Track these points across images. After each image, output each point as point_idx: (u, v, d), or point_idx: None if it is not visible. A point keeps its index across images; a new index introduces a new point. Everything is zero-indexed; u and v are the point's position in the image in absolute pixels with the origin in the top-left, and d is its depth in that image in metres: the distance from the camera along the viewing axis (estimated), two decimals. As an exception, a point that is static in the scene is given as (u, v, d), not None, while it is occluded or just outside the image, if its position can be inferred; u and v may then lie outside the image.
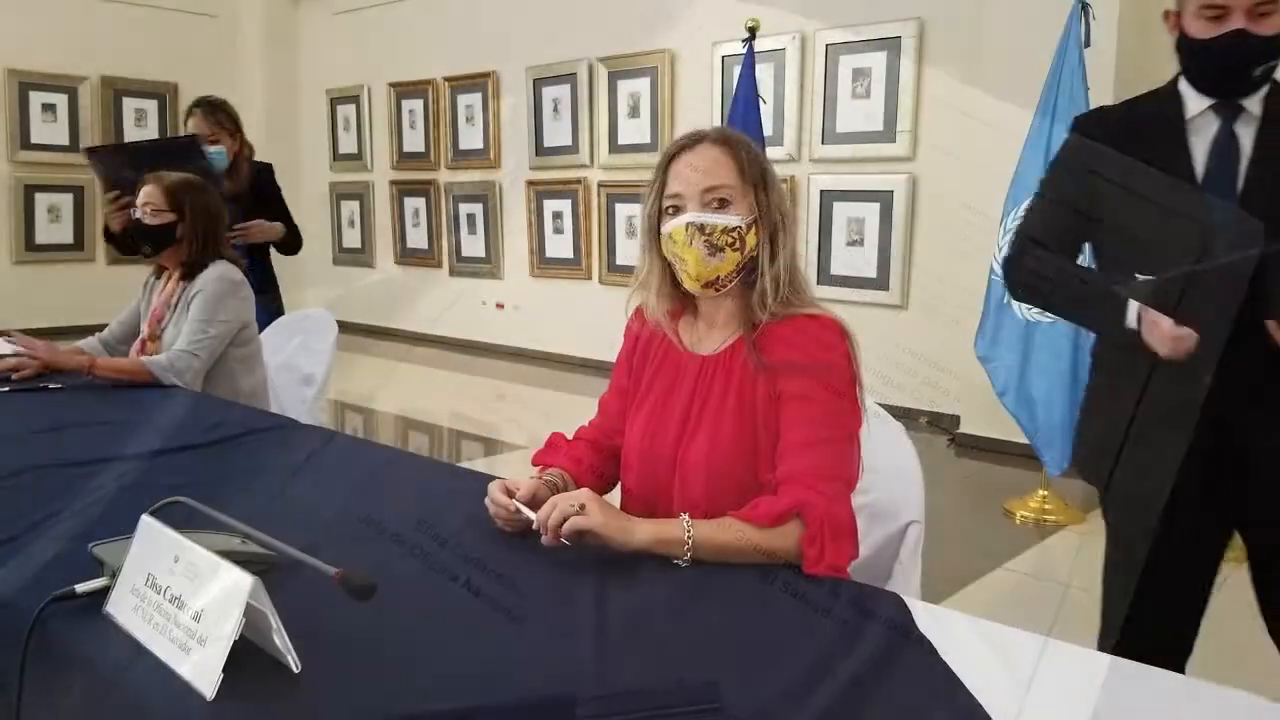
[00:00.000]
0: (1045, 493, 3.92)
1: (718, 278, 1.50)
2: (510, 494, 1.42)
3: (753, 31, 4.77)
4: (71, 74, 8.00)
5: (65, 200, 8.06)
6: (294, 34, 9.14)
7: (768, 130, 5.13)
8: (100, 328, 2.89)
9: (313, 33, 9.07)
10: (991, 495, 4.14)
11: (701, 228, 1.47)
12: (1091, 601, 3.18)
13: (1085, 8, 3.72)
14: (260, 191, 3.57)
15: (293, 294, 3.82)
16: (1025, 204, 3.81)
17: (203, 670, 0.94)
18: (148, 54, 8.36)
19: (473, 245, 7.97)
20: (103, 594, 1.11)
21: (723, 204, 1.47)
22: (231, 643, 0.93)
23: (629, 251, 6.91)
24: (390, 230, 8.58)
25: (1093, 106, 3.71)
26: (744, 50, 4.60)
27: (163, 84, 8.52)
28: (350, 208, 8.91)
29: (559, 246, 7.35)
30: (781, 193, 1.54)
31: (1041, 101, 3.82)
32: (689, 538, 1.31)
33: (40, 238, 7.97)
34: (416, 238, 8.39)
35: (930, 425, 5.12)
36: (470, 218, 7.93)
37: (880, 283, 5.52)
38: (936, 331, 5.11)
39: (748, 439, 1.48)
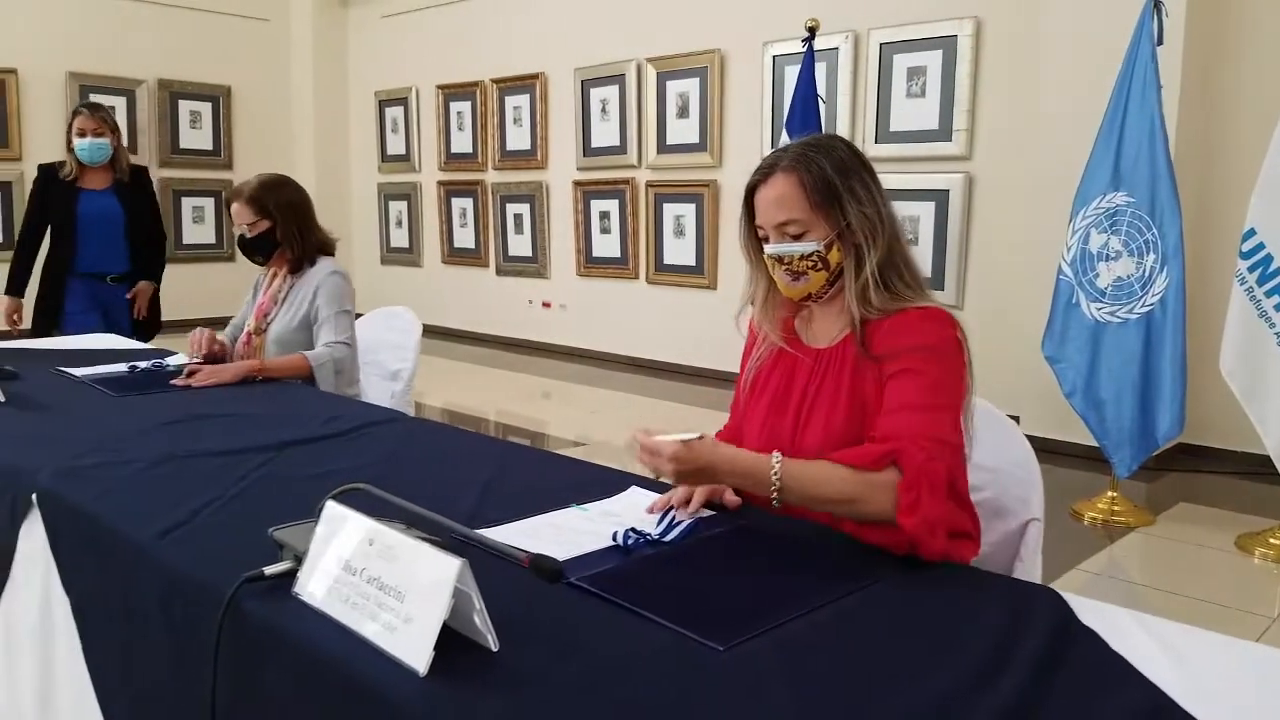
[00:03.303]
0: (1114, 494, 3.90)
1: (809, 294, 1.57)
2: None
3: (812, 31, 4.79)
4: (129, 77, 8.16)
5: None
6: (343, 37, 9.26)
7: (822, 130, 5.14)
8: (161, 325, 3.00)
9: (361, 36, 9.18)
10: (1057, 497, 4.12)
11: (780, 259, 1.55)
12: (1166, 601, 3.19)
13: (1158, 5, 3.70)
14: (140, 191, 4.23)
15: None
16: (1093, 203, 3.83)
17: (413, 648, 0.97)
18: (202, 57, 8.52)
19: (519, 245, 8.03)
20: (289, 576, 1.15)
21: (797, 236, 1.53)
22: (442, 621, 0.96)
23: (677, 251, 6.94)
24: (437, 230, 8.67)
25: (1164, 105, 3.71)
26: (796, 50, 4.63)
27: (217, 86, 8.67)
28: (398, 208, 9.01)
29: (606, 246, 7.40)
30: (868, 198, 1.53)
31: (1112, 100, 3.80)
32: (776, 476, 1.36)
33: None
34: (463, 237, 8.47)
35: (988, 425, 5.10)
36: (517, 218, 8.00)
37: (935, 282, 5.50)
38: (994, 331, 5.08)
39: (858, 428, 1.51)
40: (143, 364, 2.67)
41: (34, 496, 1.62)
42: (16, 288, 4.15)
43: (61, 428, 2.00)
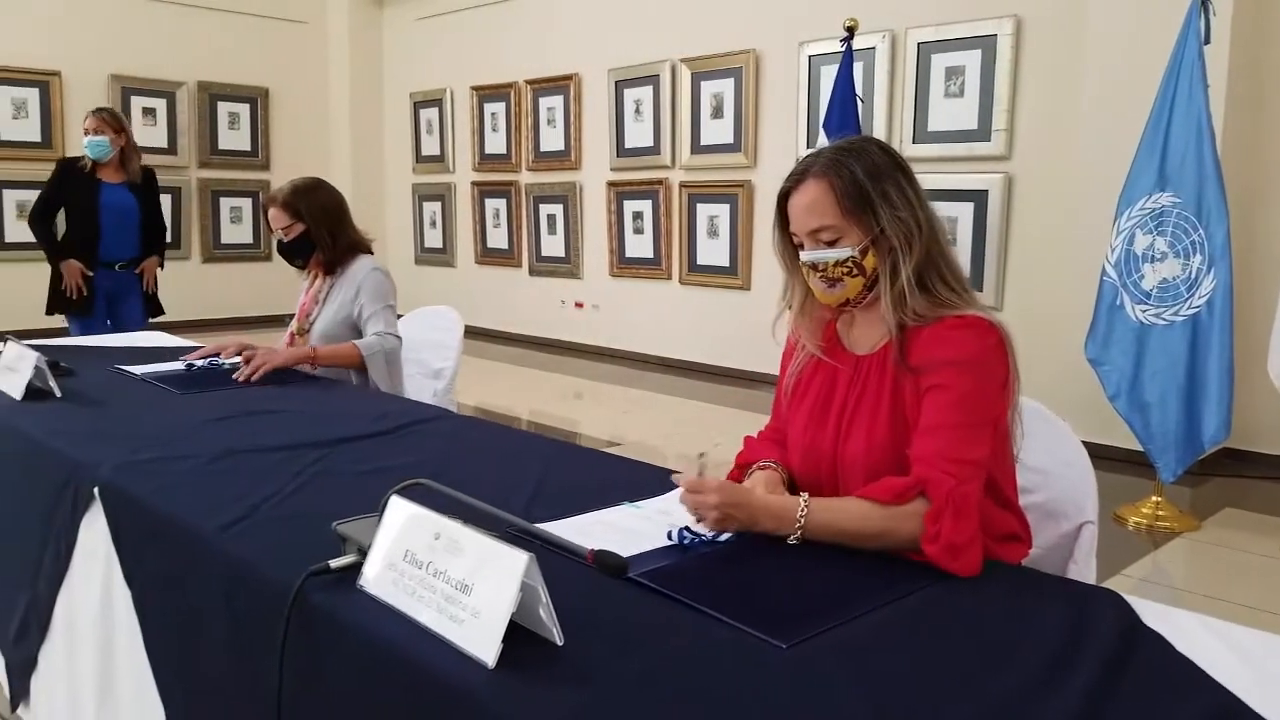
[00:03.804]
0: (1158, 499, 3.85)
1: (847, 300, 1.54)
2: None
3: (851, 31, 4.78)
4: (170, 79, 8.30)
5: (164, 201, 8.32)
6: (378, 39, 9.35)
7: (860, 130, 5.10)
8: (199, 323, 3.07)
9: (397, 37, 9.26)
10: (1100, 501, 4.06)
11: (815, 266, 1.52)
12: (1212, 608, 3.14)
13: (1205, 3, 3.65)
14: (151, 188, 4.75)
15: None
16: (1139, 204, 3.78)
17: (480, 640, 0.98)
18: (241, 59, 8.64)
19: (552, 245, 8.06)
20: (353, 569, 1.16)
21: (830, 242, 1.50)
22: (510, 615, 0.97)
23: (710, 252, 6.94)
24: (471, 230, 8.72)
25: (1211, 105, 3.66)
26: (833, 50, 4.61)
27: (255, 88, 8.79)
28: (432, 209, 9.07)
29: (639, 246, 7.41)
30: (903, 201, 1.49)
31: (1158, 99, 3.75)
32: (801, 516, 1.36)
33: (140, 236, 8.25)
34: (497, 238, 8.52)
35: (1026, 428, 5.04)
36: (550, 218, 8.03)
37: (973, 284, 5.41)
38: (1034, 333, 5.00)
39: (902, 437, 1.49)
40: (199, 362, 2.72)
41: (96, 490, 1.65)
42: (62, 254, 4.52)
43: (118, 423, 2.03)
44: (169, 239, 4.96)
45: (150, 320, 4.80)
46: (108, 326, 4.65)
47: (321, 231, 2.79)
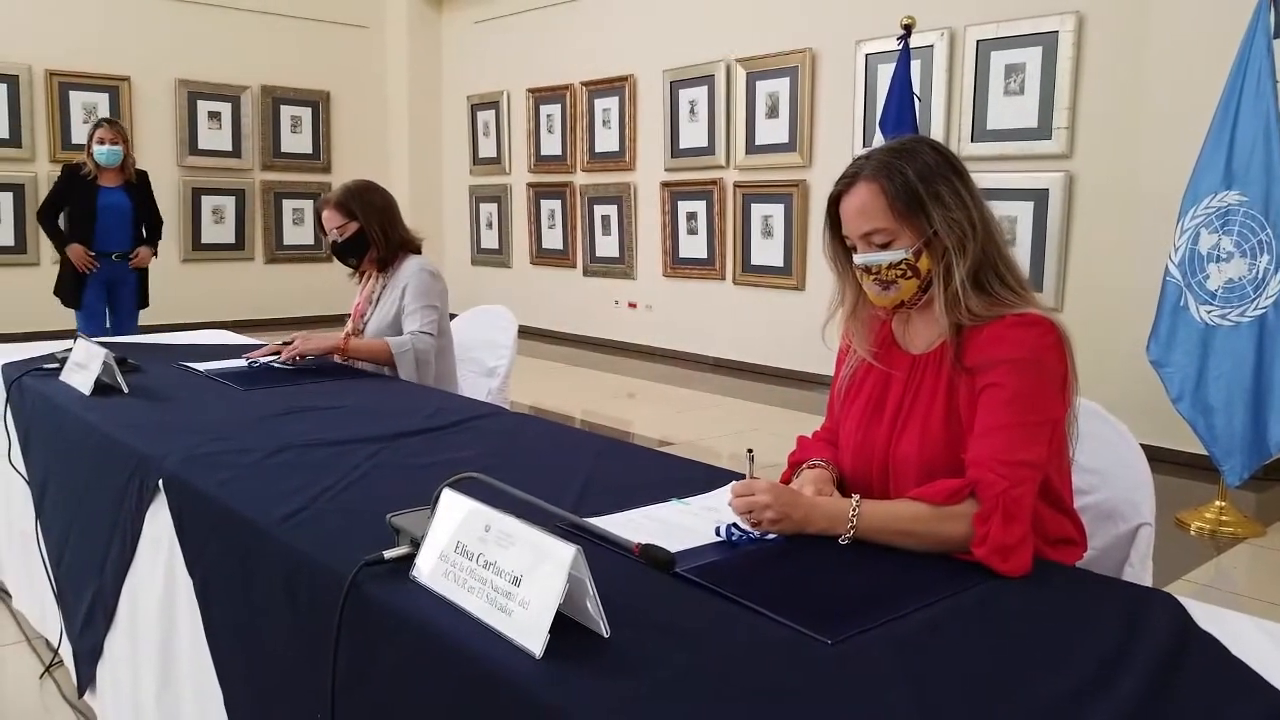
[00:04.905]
0: (1222, 504, 3.75)
1: (901, 302, 1.53)
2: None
3: (908, 29, 4.73)
4: (234, 83, 8.51)
5: (228, 203, 8.58)
6: (436, 42, 9.48)
7: (916, 129, 5.04)
8: (262, 322, 3.15)
9: (454, 40, 9.39)
10: (1161, 506, 3.94)
11: (868, 269, 1.51)
12: (1275, 614, 3.05)
13: (1275, -3, 3.55)
14: (144, 189, 5.32)
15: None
16: (1204, 203, 3.69)
17: (528, 630, 1.00)
18: (303, 64, 8.84)
19: (607, 246, 8.11)
20: (407, 560, 1.19)
21: (884, 245, 1.49)
22: (557, 607, 0.99)
23: (764, 252, 6.92)
24: (526, 231, 8.81)
25: (1281, 100, 3.56)
26: (890, 48, 4.57)
27: (317, 92, 8.98)
28: (488, 210, 9.18)
29: (693, 247, 7.41)
30: (957, 203, 1.47)
31: (1224, 96, 3.66)
32: (854, 515, 1.36)
33: (205, 238, 8.48)
34: (552, 238, 8.59)
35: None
36: (605, 219, 8.07)
37: (1033, 284, 5.34)
38: (1094, 334, 4.93)
39: (956, 437, 1.47)
40: (262, 359, 2.79)
41: (160, 482, 1.70)
42: (68, 241, 5.11)
43: (181, 418, 2.10)
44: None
45: (140, 309, 5.38)
46: (105, 316, 5.19)
47: (374, 228, 2.86)
